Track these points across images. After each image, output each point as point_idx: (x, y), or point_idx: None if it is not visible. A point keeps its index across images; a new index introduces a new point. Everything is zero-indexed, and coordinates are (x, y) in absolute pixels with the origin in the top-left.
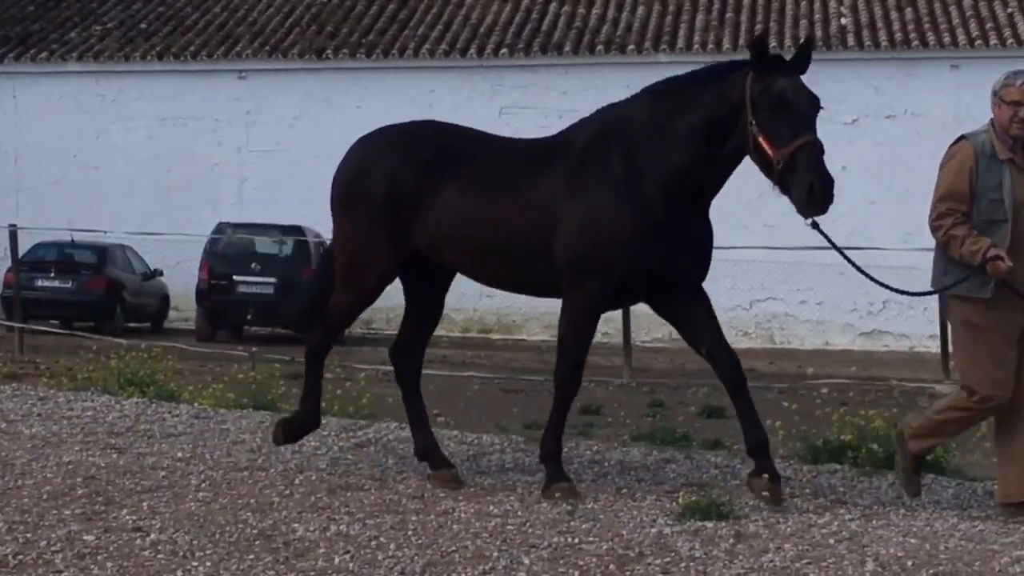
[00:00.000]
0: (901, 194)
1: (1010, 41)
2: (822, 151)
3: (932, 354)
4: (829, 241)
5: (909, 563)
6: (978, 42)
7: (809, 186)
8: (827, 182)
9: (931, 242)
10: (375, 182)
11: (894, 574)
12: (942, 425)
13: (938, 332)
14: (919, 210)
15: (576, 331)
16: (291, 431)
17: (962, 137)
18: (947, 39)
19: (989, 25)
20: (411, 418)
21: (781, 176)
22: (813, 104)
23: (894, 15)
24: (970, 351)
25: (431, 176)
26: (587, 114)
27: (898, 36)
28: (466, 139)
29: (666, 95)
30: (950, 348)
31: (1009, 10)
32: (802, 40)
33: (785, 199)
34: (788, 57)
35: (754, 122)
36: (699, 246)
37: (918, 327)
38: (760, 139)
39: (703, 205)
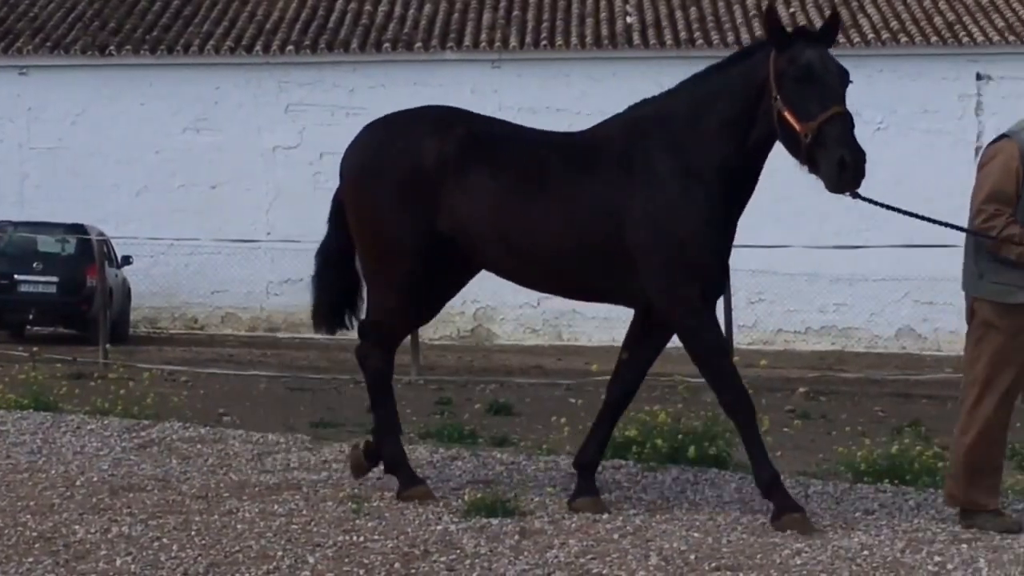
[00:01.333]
0: None
1: None
2: (852, 123)
3: None
4: (881, 205)
5: (692, 557)
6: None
7: (840, 159)
8: (859, 155)
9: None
10: (398, 157)
11: (677, 568)
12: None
13: (723, 326)
14: None
15: (712, 348)
16: (388, 468)
17: (1003, 135)
18: (731, 38)
19: None
20: (381, 420)
21: (809, 151)
22: (842, 75)
23: (679, 14)
24: (981, 352)
25: (460, 156)
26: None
27: (683, 35)
28: (492, 124)
29: (699, 85)
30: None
31: (792, 9)
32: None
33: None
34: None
35: (778, 97)
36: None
37: None
38: (785, 113)
39: (744, 204)
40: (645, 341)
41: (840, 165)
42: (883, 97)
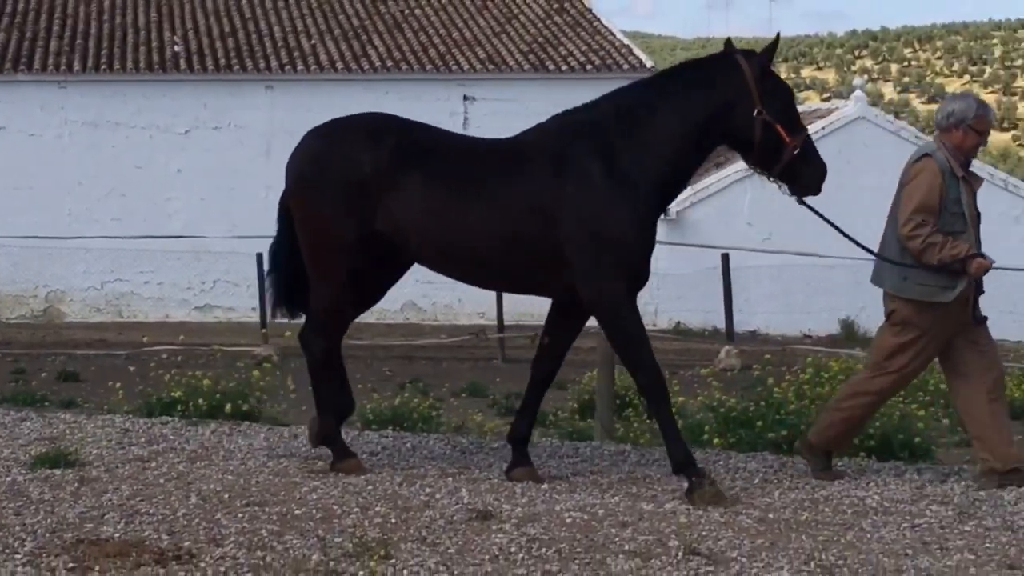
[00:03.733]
0: (228, 192)
1: (313, 67)
2: None
3: (254, 323)
4: (819, 215)
5: (226, 496)
6: (287, 67)
7: (824, 169)
8: None
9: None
10: (335, 165)
11: (213, 505)
12: (852, 414)
13: (258, 304)
14: (241, 205)
15: (632, 337)
16: (322, 441)
17: (926, 155)
18: (262, 65)
19: (296, 53)
20: (320, 400)
21: (792, 161)
22: None
23: (218, 44)
24: (902, 345)
25: (395, 163)
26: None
27: (222, 61)
28: (427, 132)
29: (642, 97)
30: (269, 317)
31: (312, 41)
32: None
33: None
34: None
35: (764, 111)
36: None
37: (242, 301)
38: (777, 127)
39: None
40: (564, 327)
41: (823, 174)
42: (391, 112)
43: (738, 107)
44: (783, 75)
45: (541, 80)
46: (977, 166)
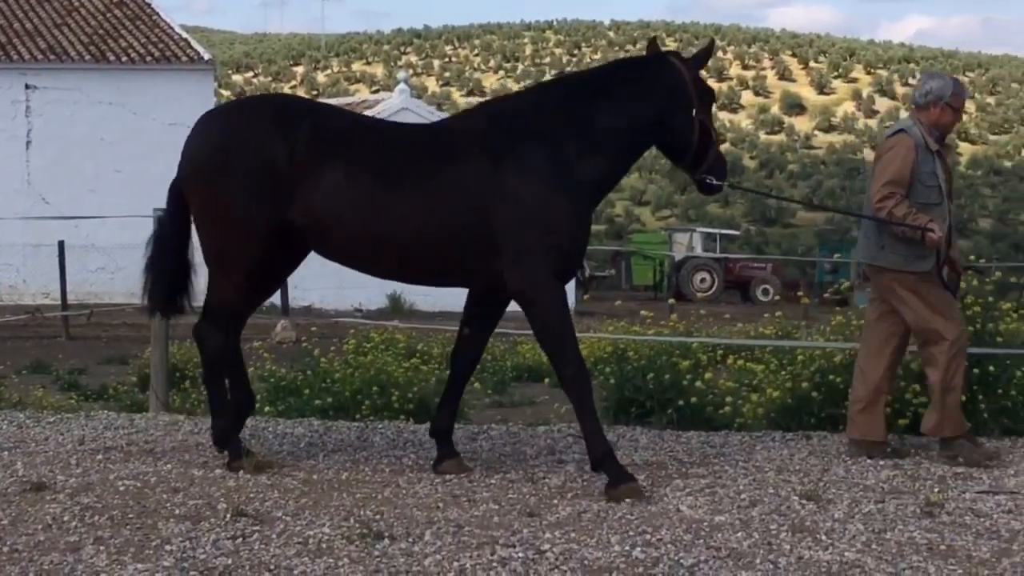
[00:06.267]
0: None
1: None
2: None
3: None
4: (752, 191)
5: None
6: None
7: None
8: None
9: None
10: (245, 153)
11: None
12: (954, 391)
13: None
14: None
15: (559, 326)
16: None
17: (901, 130)
18: None
19: None
20: (213, 400)
21: (716, 157)
22: None
23: None
24: (926, 308)
25: (312, 153)
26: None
27: None
28: (334, 115)
29: (590, 88)
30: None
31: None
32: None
33: None
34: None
35: (698, 110)
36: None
37: None
38: (709, 127)
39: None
40: (484, 316)
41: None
42: None
43: (680, 110)
44: (335, 69)
45: (102, 70)
46: None
